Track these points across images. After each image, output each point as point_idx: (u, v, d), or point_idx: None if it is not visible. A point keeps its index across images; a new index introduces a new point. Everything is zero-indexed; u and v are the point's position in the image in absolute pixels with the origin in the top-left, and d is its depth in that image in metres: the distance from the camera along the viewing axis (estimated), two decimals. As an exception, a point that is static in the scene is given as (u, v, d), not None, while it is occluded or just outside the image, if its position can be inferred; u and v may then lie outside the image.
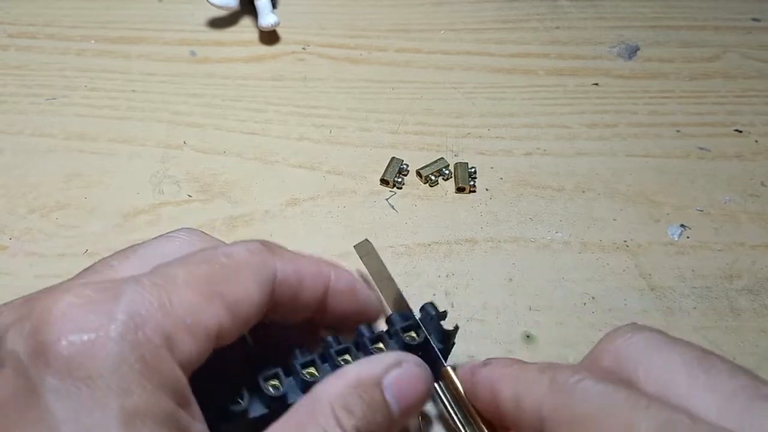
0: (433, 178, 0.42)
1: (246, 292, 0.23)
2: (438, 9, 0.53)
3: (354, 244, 0.34)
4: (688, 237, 0.39)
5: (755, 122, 0.46)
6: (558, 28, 0.52)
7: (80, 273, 0.24)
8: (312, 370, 0.26)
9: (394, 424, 0.24)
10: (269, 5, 0.50)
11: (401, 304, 0.30)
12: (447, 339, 0.28)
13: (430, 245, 0.38)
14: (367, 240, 0.33)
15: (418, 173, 0.42)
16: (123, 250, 0.25)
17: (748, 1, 0.54)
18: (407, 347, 0.27)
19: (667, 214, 0.40)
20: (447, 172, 0.42)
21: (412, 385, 0.24)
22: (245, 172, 0.42)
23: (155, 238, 0.25)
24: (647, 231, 0.40)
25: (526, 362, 0.25)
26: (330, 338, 0.26)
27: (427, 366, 0.26)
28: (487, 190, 0.42)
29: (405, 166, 0.42)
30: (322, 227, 0.39)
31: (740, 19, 0.53)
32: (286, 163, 0.43)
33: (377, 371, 0.24)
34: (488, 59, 0.50)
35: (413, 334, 0.28)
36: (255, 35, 0.51)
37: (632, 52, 0.50)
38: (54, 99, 0.46)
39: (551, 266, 0.38)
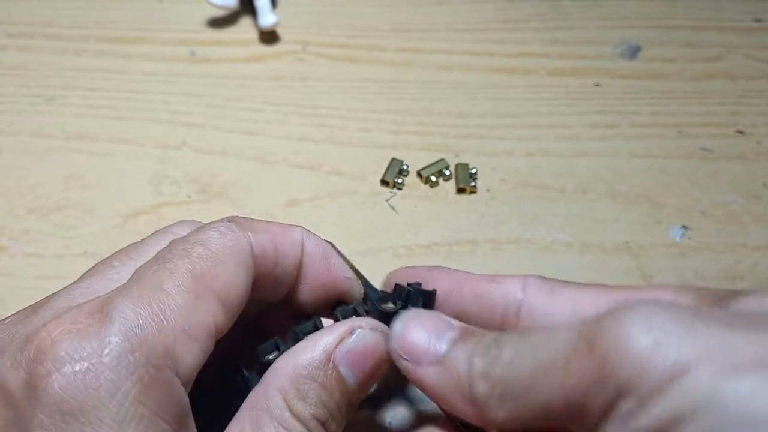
0: (433, 178, 0.41)
1: (232, 277, 0.22)
2: (438, 9, 0.53)
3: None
4: (689, 238, 0.39)
5: (757, 123, 0.45)
6: (559, 28, 0.52)
7: (82, 276, 0.23)
8: (275, 354, 0.24)
9: (354, 397, 0.23)
10: (269, 5, 0.50)
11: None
12: (430, 302, 0.27)
13: (430, 246, 0.38)
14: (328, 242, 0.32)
15: (419, 174, 0.42)
16: (124, 250, 0.24)
17: (751, 2, 0.54)
18: (384, 317, 0.25)
19: (669, 215, 0.40)
20: (448, 172, 0.42)
21: (368, 352, 0.23)
22: (245, 173, 0.42)
23: (154, 234, 0.25)
24: (649, 232, 0.39)
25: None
26: (298, 319, 0.25)
27: (385, 327, 0.24)
28: (488, 191, 0.41)
29: (405, 167, 0.42)
30: (322, 228, 0.39)
31: (743, 20, 0.52)
32: (285, 163, 0.43)
33: (327, 344, 0.22)
34: (489, 59, 0.49)
35: (390, 304, 0.26)
36: (254, 35, 0.51)
37: (634, 52, 0.50)
38: (53, 99, 0.46)
39: (552, 268, 0.37)
